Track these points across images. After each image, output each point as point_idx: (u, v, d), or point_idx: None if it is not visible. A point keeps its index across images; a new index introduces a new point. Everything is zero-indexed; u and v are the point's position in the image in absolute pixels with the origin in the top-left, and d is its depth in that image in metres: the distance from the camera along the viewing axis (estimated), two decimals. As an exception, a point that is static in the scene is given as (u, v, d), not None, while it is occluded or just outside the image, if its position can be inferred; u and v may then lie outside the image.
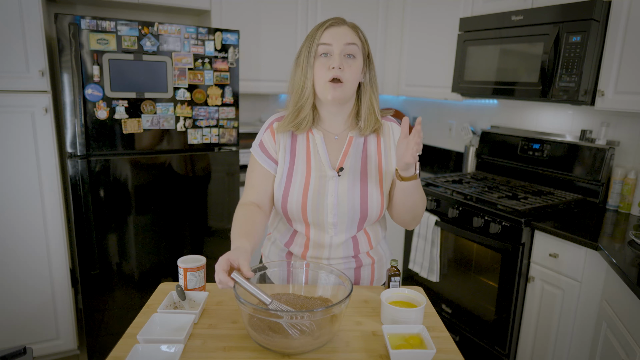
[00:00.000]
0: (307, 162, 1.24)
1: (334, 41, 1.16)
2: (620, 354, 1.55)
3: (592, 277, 1.88)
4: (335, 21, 1.18)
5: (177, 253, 2.49)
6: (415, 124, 1.08)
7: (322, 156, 1.24)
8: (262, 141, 1.27)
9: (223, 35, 2.36)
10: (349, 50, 1.17)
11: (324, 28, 1.17)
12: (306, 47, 1.19)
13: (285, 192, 1.24)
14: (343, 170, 1.24)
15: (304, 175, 1.23)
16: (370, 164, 1.27)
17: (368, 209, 1.25)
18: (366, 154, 1.27)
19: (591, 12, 2.00)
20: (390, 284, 1.25)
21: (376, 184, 1.26)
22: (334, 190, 1.23)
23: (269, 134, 1.27)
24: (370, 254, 1.34)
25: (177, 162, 2.40)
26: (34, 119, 2.19)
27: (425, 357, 0.96)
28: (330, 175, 1.24)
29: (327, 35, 1.16)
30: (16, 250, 2.26)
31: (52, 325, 2.41)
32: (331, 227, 1.25)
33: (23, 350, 1.34)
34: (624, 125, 2.30)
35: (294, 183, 1.23)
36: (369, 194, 1.24)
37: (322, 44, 1.16)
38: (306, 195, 1.22)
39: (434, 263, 2.56)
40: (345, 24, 1.20)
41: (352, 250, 1.30)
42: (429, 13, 3.01)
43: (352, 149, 1.26)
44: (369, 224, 1.29)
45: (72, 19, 2.03)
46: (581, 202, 2.38)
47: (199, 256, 1.25)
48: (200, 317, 1.14)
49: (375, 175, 1.26)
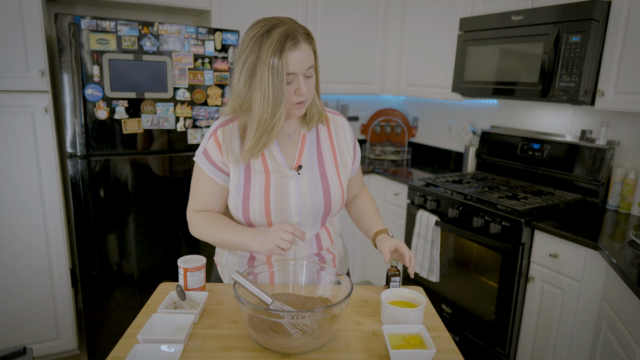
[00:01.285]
0: (264, 165, 1.23)
1: (299, 68, 1.11)
2: (620, 354, 1.55)
3: (592, 277, 1.88)
4: (294, 41, 1.09)
5: (177, 253, 2.49)
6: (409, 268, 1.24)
7: (278, 157, 1.24)
8: (207, 150, 1.22)
9: (223, 35, 2.36)
10: (308, 73, 1.15)
11: (287, 51, 1.08)
12: (271, 75, 1.08)
13: (245, 199, 1.22)
14: (302, 168, 1.26)
15: (263, 179, 1.23)
16: (327, 158, 1.29)
17: (331, 202, 1.28)
18: (320, 149, 1.29)
19: (591, 12, 2.01)
20: (390, 284, 1.26)
21: (335, 176, 1.29)
22: (295, 189, 1.24)
23: (213, 143, 1.22)
24: (330, 250, 1.37)
25: (177, 162, 2.40)
26: (34, 119, 2.19)
27: (425, 357, 0.96)
28: (290, 175, 1.24)
29: (291, 63, 1.09)
30: (16, 250, 2.26)
31: (52, 325, 2.41)
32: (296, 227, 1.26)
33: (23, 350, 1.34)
34: (624, 125, 2.30)
35: (254, 188, 1.22)
36: (330, 187, 1.27)
37: (289, 74, 1.11)
38: (268, 198, 1.22)
39: (434, 263, 2.56)
40: (302, 42, 1.11)
41: (316, 247, 1.32)
42: (429, 13, 3.01)
43: (306, 146, 1.28)
44: (330, 217, 1.33)
45: (72, 19, 2.03)
46: (581, 202, 2.38)
47: (199, 256, 1.25)
48: (200, 317, 1.14)
49: (333, 168, 1.29)
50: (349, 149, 1.33)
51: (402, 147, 3.70)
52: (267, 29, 1.10)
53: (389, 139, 3.77)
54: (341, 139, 1.33)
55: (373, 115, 3.76)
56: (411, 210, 2.75)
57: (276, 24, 1.10)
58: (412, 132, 3.71)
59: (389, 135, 3.76)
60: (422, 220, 2.61)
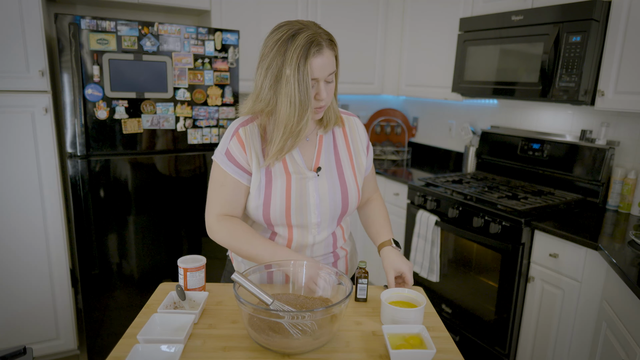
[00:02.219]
0: (285, 167, 1.24)
1: (320, 74, 1.11)
2: (620, 354, 1.55)
3: (592, 277, 1.88)
4: (318, 48, 1.09)
5: (177, 253, 2.49)
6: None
7: (298, 159, 1.25)
8: (229, 150, 1.21)
9: (223, 35, 2.36)
10: (329, 79, 1.15)
11: (312, 57, 1.09)
12: (297, 80, 1.08)
13: (266, 200, 1.22)
14: (320, 170, 1.27)
15: (284, 180, 1.23)
16: (343, 159, 1.31)
17: (349, 202, 1.30)
18: (337, 150, 1.31)
19: (591, 12, 2.01)
20: (358, 286, 1.24)
21: (351, 176, 1.31)
22: (314, 190, 1.25)
23: (236, 142, 1.21)
24: (343, 247, 1.40)
25: (177, 162, 2.40)
26: (34, 119, 2.19)
27: (425, 357, 0.96)
28: (310, 176, 1.25)
29: (315, 69, 1.10)
30: (16, 250, 2.26)
31: (52, 325, 2.41)
32: (314, 227, 1.27)
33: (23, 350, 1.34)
34: (624, 125, 2.30)
35: (275, 189, 1.22)
36: (348, 187, 1.29)
37: (312, 79, 1.11)
38: (289, 199, 1.23)
39: (434, 263, 2.56)
40: (325, 48, 1.11)
41: (332, 246, 1.34)
42: (429, 13, 3.01)
43: (324, 148, 1.29)
44: (346, 217, 1.36)
45: (72, 19, 2.03)
46: (581, 202, 2.38)
47: (199, 256, 1.25)
48: (200, 317, 1.14)
49: (349, 168, 1.31)
50: (363, 149, 1.35)
51: (402, 147, 3.70)
52: (292, 34, 1.09)
53: (389, 139, 3.77)
54: (356, 139, 1.35)
55: (373, 115, 3.77)
56: (411, 210, 2.75)
57: (301, 29, 1.10)
58: (412, 132, 3.71)
59: (389, 135, 3.76)
60: (422, 220, 2.61)
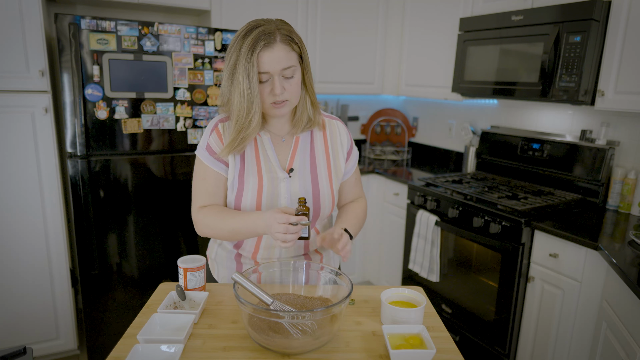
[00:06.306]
0: (257, 164, 1.24)
1: (271, 68, 1.12)
2: (620, 354, 1.55)
3: (592, 277, 1.88)
4: (267, 41, 1.11)
5: (177, 253, 2.49)
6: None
7: (272, 158, 1.25)
8: (209, 144, 1.24)
9: (223, 35, 2.36)
10: (286, 74, 1.15)
11: (258, 51, 1.11)
12: (244, 73, 1.11)
13: (238, 195, 1.24)
14: (293, 171, 1.26)
15: (256, 178, 1.24)
16: (319, 162, 1.30)
17: (320, 207, 1.28)
18: (314, 152, 1.30)
19: (591, 12, 2.00)
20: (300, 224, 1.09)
21: (326, 181, 1.29)
22: (286, 192, 1.25)
23: (215, 136, 1.24)
24: (318, 250, 1.37)
25: (177, 162, 2.40)
26: (34, 119, 2.19)
27: (425, 357, 0.96)
28: (281, 177, 1.25)
29: (263, 63, 1.12)
30: (16, 250, 2.26)
31: (52, 325, 2.41)
32: None
33: (23, 350, 1.34)
34: (624, 125, 2.30)
35: (247, 186, 1.24)
36: (321, 191, 1.28)
37: (262, 73, 1.13)
38: (260, 198, 1.23)
39: (434, 263, 2.56)
40: (277, 42, 1.12)
41: (302, 248, 1.32)
42: (429, 13, 3.01)
43: (299, 149, 1.28)
44: (320, 220, 1.33)
45: (72, 19, 2.03)
46: (581, 202, 2.38)
47: (199, 256, 1.25)
48: (200, 317, 1.14)
49: (325, 172, 1.29)
50: (343, 153, 1.33)
51: (402, 147, 3.70)
52: (249, 30, 1.13)
53: (389, 139, 3.77)
54: (336, 143, 1.33)
55: (373, 115, 3.77)
56: (411, 210, 2.75)
57: (259, 25, 1.13)
58: (412, 132, 3.71)
59: (389, 135, 3.76)
60: (422, 220, 2.61)
